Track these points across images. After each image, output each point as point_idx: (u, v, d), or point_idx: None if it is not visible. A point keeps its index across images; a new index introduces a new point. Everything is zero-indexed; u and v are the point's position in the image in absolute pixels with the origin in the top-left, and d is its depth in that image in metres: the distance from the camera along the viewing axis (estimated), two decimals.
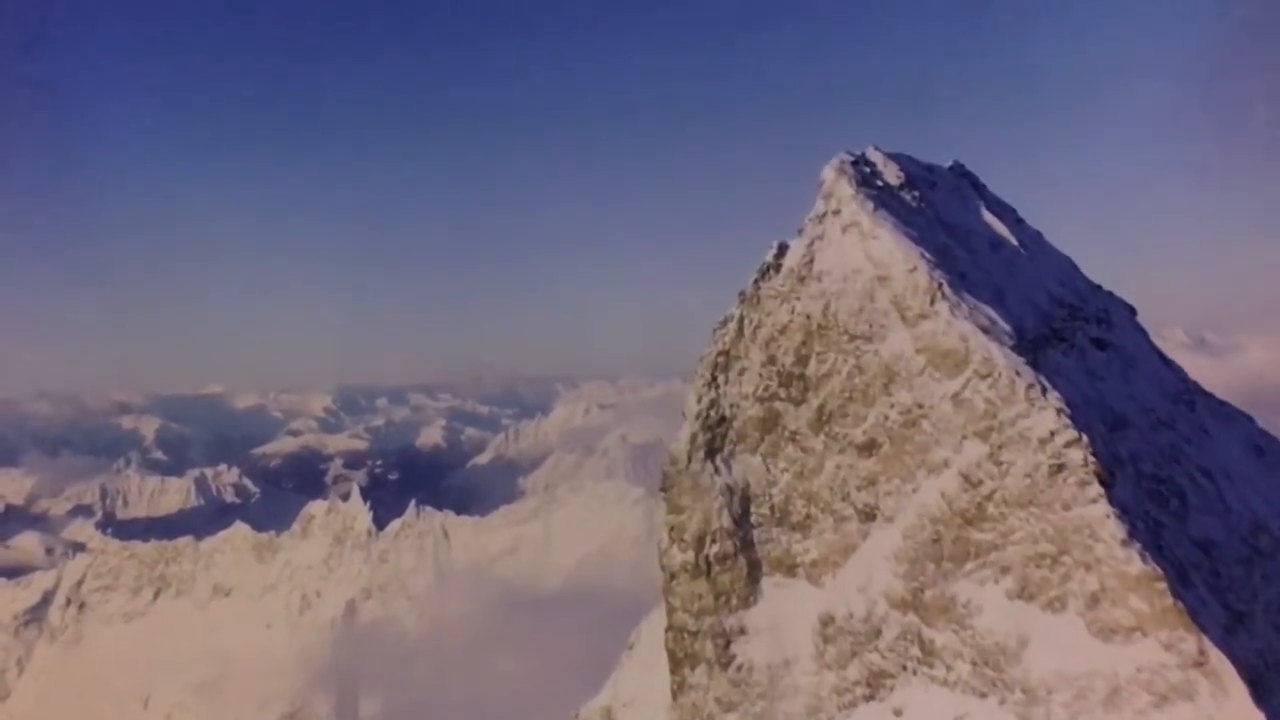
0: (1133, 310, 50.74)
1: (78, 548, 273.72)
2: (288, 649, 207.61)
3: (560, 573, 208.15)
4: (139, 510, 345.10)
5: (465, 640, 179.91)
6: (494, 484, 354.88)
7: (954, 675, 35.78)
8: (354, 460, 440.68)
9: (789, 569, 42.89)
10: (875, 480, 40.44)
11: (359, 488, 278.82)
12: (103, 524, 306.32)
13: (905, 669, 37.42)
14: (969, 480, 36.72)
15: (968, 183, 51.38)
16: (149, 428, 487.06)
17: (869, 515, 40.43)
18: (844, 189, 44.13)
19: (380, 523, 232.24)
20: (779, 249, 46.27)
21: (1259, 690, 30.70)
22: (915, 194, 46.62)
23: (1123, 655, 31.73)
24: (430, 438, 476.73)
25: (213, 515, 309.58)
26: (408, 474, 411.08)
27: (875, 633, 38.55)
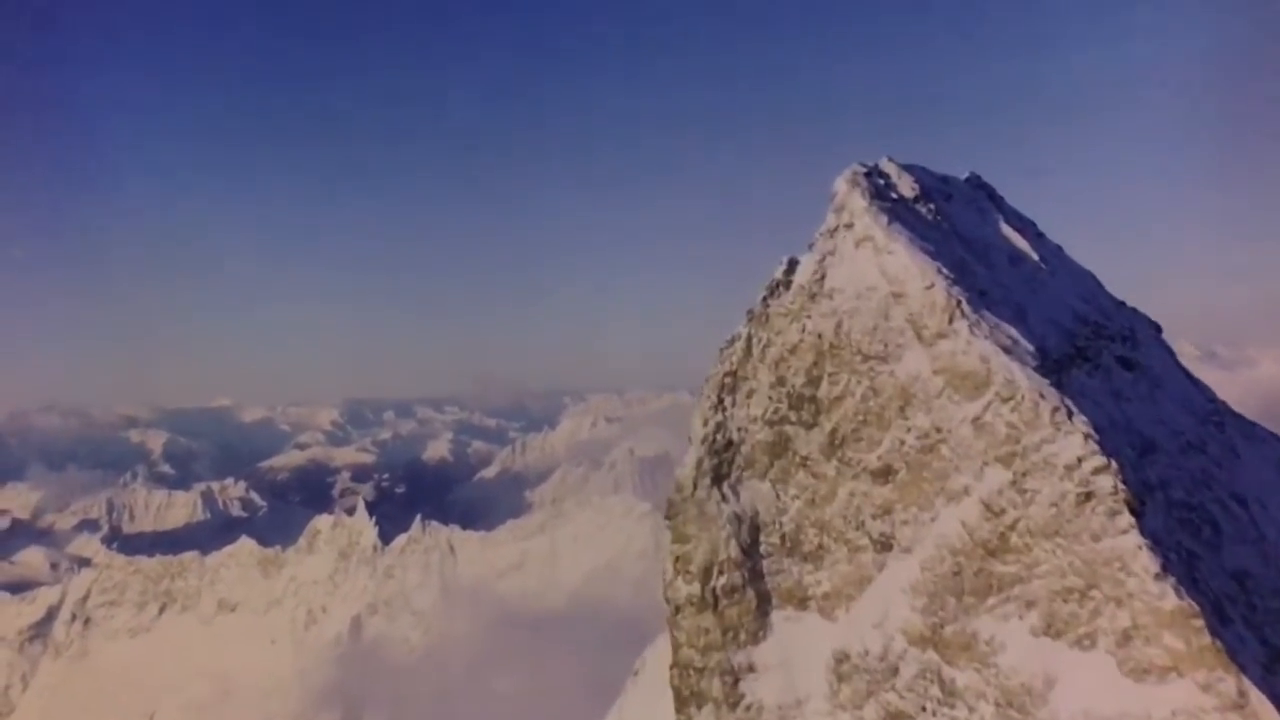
0: (1158, 328, 49.16)
1: (83, 563, 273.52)
2: (292, 666, 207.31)
3: (566, 589, 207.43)
4: (145, 524, 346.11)
5: (469, 659, 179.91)
6: (501, 497, 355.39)
7: (976, 717, 34.21)
8: (361, 473, 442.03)
9: (800, 602, 41.25)
10: (891, 508, 38.85)
11: (365, 501, 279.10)
12: (108, 539, 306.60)
13: (924, 710, 35.74)
14: (991, 509, 35.08)
15: (985, 195, 49.95)
16: (156, 441, 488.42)
17: (885, 545, 38.81)
18: (857, 201, 42.73)
19: (386, 537, 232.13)
20: (789, 264, 44.71)
21: None
22: (931, 207, 45.14)
23: (1157, 697, 30.19)
24: (437, 451, 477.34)
25: (219, 529, 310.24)
26: (414, 487, 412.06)
27: (892, 671, 36.87)
